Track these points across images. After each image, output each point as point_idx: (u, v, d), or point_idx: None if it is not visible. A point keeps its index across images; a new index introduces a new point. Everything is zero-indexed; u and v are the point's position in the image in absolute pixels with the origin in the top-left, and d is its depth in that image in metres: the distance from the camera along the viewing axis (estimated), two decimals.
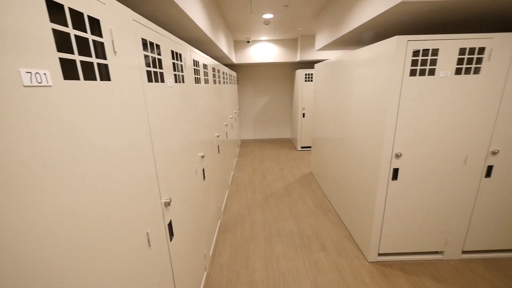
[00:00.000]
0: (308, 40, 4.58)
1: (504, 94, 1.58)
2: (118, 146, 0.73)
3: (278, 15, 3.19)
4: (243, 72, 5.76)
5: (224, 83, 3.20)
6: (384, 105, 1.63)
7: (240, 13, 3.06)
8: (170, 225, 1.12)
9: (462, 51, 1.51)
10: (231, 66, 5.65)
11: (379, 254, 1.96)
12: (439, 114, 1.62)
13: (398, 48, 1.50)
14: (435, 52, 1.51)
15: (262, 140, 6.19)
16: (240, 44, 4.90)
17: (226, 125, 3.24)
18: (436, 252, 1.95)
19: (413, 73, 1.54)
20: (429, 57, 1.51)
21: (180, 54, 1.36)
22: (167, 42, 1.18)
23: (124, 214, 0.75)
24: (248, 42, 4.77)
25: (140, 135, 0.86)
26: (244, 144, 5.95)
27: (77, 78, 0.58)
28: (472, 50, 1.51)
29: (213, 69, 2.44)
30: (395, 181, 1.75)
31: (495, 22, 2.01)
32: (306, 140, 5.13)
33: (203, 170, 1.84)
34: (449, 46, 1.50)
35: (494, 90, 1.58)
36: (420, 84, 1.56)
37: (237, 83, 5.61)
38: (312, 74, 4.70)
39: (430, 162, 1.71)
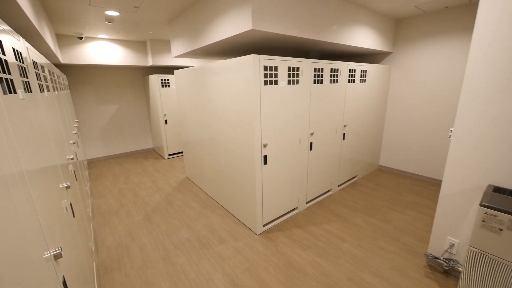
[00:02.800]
0: (160, 45, 4.46)
1: (311, 96, 2.53)
2: None
3: (126, 14, 2.90)
4: (77, 76, 4.56)
5: (60, 89, 2.46)
6: (251, 107, 2.06)
7: (73, 4, 2.46)
8: None
9: (289, 68, 2.23)
10: (58, 67, 4.30)
11: (264, 225, 2.46)
12: (283, 111, 2.30)
13: (254, 64, 1.96)
14: (276, 68, 2.12)
15: (118, 156, 5.26)
16: (67, 40, 3.85)
17: (74, 143, 2.53)
18: (294, 209, 2.76)
19: (265, 83, 2.08)
20: (273, 72, 2.11)
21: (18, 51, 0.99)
22: None
23: None
24: (81, 38, 3.85)
25: None
26: (94, 164, 4.79)
27: None
28: (294, 68, 2.27)
29: (50, 72, 1.85)
30: (266, 165, 2.27)
31: (303, 51, 3.09)
32: (174, 147, 5.01)
33: (71, 204, 1.42)
34: (283, 65, 2.16)
35: (306, 94, 2.47)
36: (270, 91, 2.13)
37: (69, 89, 4.37)
38: (169, 80, 4.64)
39: (282, 146, 2.38)
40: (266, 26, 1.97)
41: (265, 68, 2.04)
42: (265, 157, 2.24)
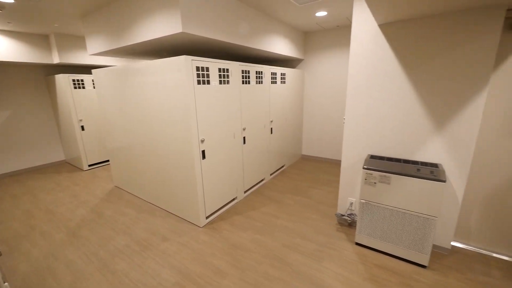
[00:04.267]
0: (71, 40, 3.90)
1: (241, 95, 2.82)
2: None
3: (23, 2, 2.48)
4: None
5: None
6: (187, 106, 2.17)
7: None
8: None
9: (220, 69, 2.45)
10: None
11: (207, 217, 2.59)
12: (217, 109, 2.50)
13: (186, 64, 2.08)
14: (208, 69, 2.30)
15: (17, 173, 4.26)
16: None
17: None
18: (234, 199, 2.99)
19: (199, 82, 2.23)
20: (205, 72, 2.28)
21: None
22: None
23: None
24: None
25: None
26: None
27: None
28: (224, 70, 2.50)
29: None
30: (204, 160, 2.42)
31: (232, 55, 3.34)
32: (95, 156, 4.45)
33: None
34: (214, 66, 2.36)
35: (236, 93, 2.75)
36: (204, 90, 2.30)
37: None
38: (83, 80, 4.11)
39: (219, 141, 2.58)
40: (195, 30, 2.13)
41: (198, 68, 2.20)
42: (203, 152, 2.38)
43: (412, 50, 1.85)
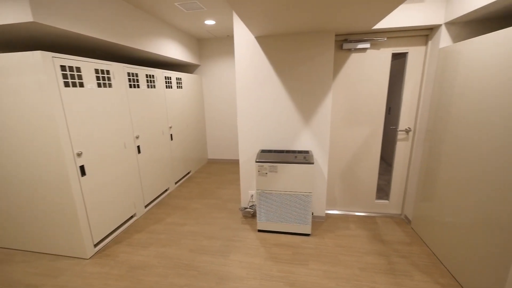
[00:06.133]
0: None
1: (130, 100, 2.56)
2: None
3: None
4: None
5: None
6: (51, 113, 1.76)
7: None
8: None
9: (97, 71, 2.13)
10: None
11: (96, 245, 2.17)
12: (98, 116, 2.16)
13: (45, 62, 1.70)
14: (79, 69, 1.95)
15: None
16: None
17: None
18: (133, 216, 2.66)
19: (67, 84, 1.86)
20: (76, 73, 1.93)
21: None
22: None
23: None
24: None
25: None
26: None
27: None
28: (104, 71, 2.19)
29: None
30: (85, 176, 2.03)
31: (118, 56, 2.93)
32: None
33: None
34: (87, 66, 2.03)
35: (123, 97, 2.47)
36: (76, 94, 1.93)
37: None
38: None
39: (104, 152, 2.23)
40: (55, 21, 1.76)
41: (64, 68, 1.83)
42: (81, 167, 2.00)
43: (281, 59, 2.26)
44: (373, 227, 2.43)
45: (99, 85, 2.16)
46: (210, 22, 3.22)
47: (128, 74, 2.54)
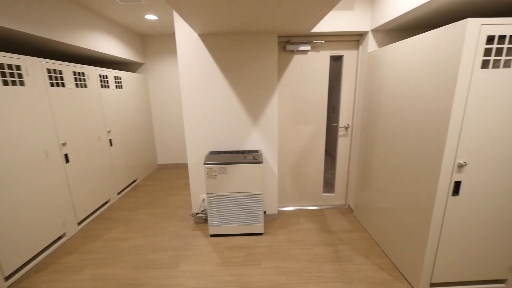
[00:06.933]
0: None
1: (51, 101, 2.18)
2: None
3: None
4: None
5: None
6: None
7: None
8: None
9: (3, 65, 1.75)
10: None
11: (6, 278, 1.78)
12: (7, 120, 1.77)
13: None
14: None
15: None
16: None
17: None
18: (61, 236, 2.27)
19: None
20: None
21: None
22: None
23: None
24: None
25: None
26: None
27: None
28: (11, 66, 1.82)
29: None
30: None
31: (35, 50, 2.46)
32: None
33: None
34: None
35: (42, 97, 2.09)
36: None
37: None
38: None
39: (15, 165, 1.85)
40: None
41: None
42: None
43: (227, 58, 2.22)
44: (321, 219, 2.57)
45: (5, 83, 1.78)
46: (151, 17, 2.99)
47: (49, 70, 2.17)
